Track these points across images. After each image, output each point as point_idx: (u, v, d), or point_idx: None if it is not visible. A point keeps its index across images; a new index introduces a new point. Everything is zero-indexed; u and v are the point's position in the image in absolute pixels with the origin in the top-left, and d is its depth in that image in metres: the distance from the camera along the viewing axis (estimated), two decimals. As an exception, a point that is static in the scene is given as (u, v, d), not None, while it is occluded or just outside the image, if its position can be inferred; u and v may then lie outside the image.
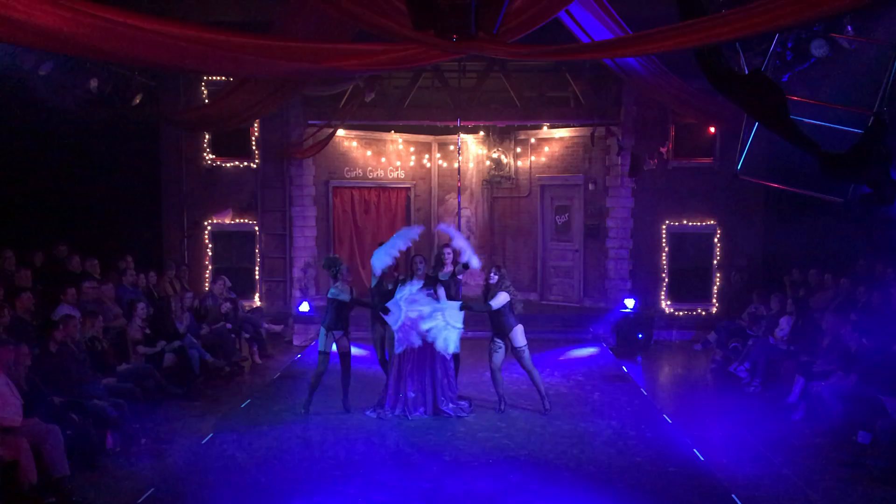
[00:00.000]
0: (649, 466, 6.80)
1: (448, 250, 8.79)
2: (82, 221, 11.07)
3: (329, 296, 8.37)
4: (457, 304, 8.15)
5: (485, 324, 8.67)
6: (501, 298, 8.10)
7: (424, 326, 8.00)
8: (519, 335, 8.23)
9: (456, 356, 8.64)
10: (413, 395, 8.16)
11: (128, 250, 10.66)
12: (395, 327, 8.12)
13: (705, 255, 12.89)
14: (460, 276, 8.74)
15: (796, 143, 6.01)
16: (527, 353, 8.29)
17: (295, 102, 12.30)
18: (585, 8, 8.31)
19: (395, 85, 12.78)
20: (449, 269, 8.61)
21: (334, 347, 8.34)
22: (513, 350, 8.28)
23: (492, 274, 8.30)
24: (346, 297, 8.27)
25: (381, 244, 8.70)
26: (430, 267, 8.74)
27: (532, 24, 7.50)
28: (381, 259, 8.40)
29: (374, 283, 8.74)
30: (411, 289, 8.16)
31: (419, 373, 8.17)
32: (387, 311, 8.14)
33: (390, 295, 8.31)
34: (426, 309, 8.03)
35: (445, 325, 8.03)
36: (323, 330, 8.34)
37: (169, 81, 12.01)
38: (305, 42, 7.78)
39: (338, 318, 8.30)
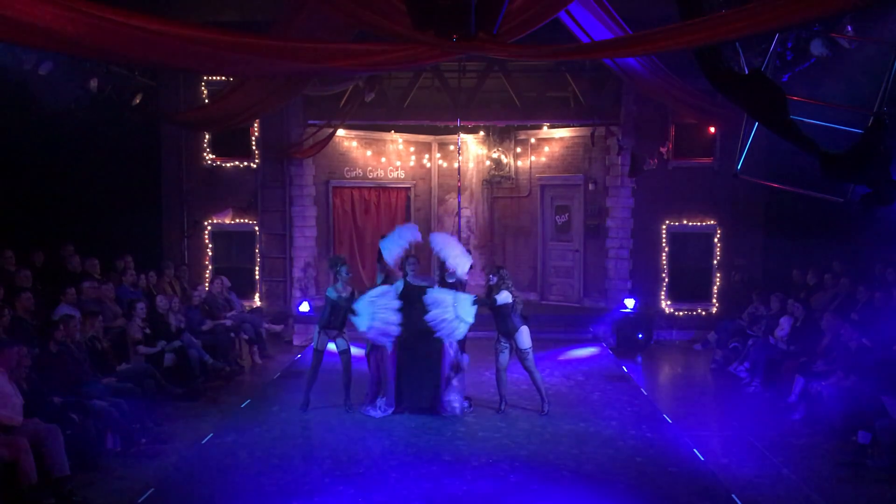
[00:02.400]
0: (649, 466, 6.80)
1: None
2: (82, 221, 11.06)
3: (326, 294, 8.44)
4: (470, 297, 8.09)
5: (488, 324, 8.66)
6: (504, 296, 8.11)
7: (436, 316, 7.89)
8: (525, 337, 8.25)
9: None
10: (414, 393, 8.16)
11: (128, 250, 10.65)
12: (361, 328, 8.02)
13: (705, 255, 12.88)
14: (465, 278, 8.74)
15: (796, 143, 6.01)
16: (531, 356, 8.30)
17: (295, 102, 12.29)
18: (585, 8, 8.32)
19: (395, 85, 12.78)
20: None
21: (332, 347, 8.37)
22: (517, 351, 8.28)
23: (491, 276, 8.33)
24: (333, 295, 8.31)
25: (383, 236, 8.73)
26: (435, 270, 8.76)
27: (532, 24, 7.51)
28: (392, 250, 8.35)
29: (379, 280, 8.74)
30: (385, 289, 8.15)
31: (421, 370, 8.17)
32: (354, 312, 8.09)
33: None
34: (446, 298, 7.95)
35: (455, 318, 7.95)
36: (317, 328, 8.44)
37: (169, 81, 12.02)
38: (305, 42, 7.78)
39: (332, 317, 8.34)
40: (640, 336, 11.93)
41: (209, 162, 12.83)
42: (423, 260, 13.72)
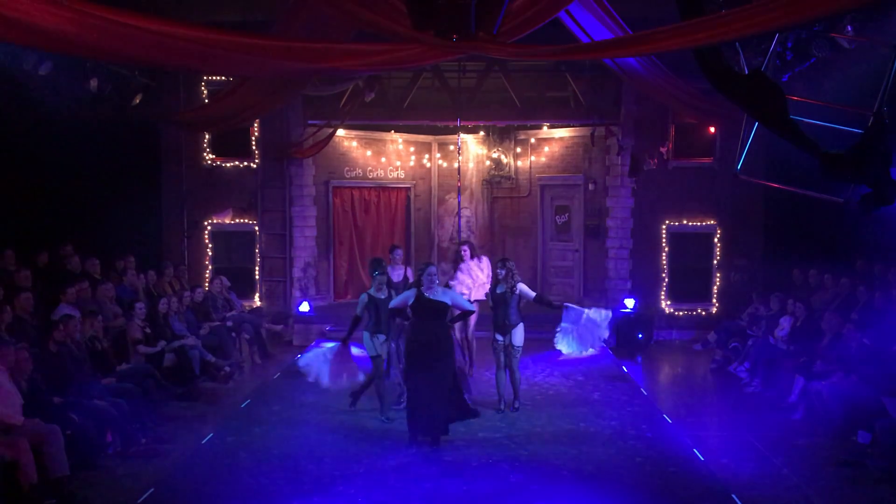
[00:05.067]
0: (649, 466, 6.80)
1: (465, 247, 8.94)
2: (82, 221, 11.06)
3: (368, 295, 7.99)
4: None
5: (485, 322, 8.65)
6: (527, 288, 8.19)
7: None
8: (519, 334, 8.25)
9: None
10: (427, 419, 7.51)
11: (128, 250, 10.66)
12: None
13: (705, 255, 12.88)
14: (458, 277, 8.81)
15: (796, 143, 6.01)
16: (519, 355, 8.26)
17: (295, 102, 12.29)
18: (585, 8, 8.33)
19: (395, 85, 12.77)
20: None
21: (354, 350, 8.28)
22: (508, 346, 8.24)
23: (499, 270, 8.28)
24: (377, 294, 7.94)
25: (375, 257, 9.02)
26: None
27: (532, 25, 7.52)
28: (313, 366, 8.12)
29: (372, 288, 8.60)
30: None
31: (432, 392, 7.28)
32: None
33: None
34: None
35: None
36: (366, 334, 8.00)
37: (169, 81, 12.00)
38: (305, 42, 7.79)
39: (377, 320, 7.96)
40: (640, 336, 11.91)
41: (209, 162, 12.82)
42: (427, 253, 13.78)
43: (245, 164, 12.86)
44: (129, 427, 7.18)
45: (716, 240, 12.83)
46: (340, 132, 13.07)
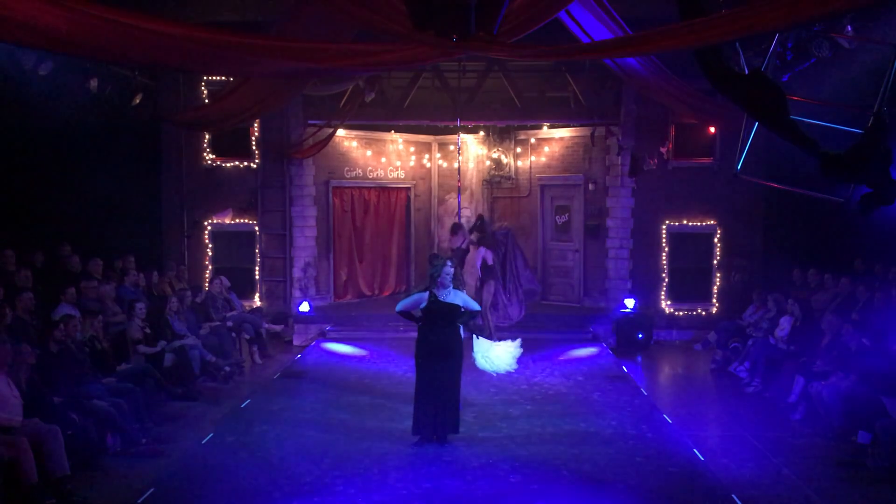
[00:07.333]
0: (649, 466, 6.80)
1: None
2: (82, 221, 11.06)
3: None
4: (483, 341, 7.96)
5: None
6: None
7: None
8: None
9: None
10: (434, 419, 7.46)
11: (128, 250, 10.65)
12: None
13: (705, 255, 12.89)
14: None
15: (796, 143, 6.00)
16: None
17: (295, 102, 12.29)
18: (585, 8, 8.32)
19: (395, 85, 12.78)
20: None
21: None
22: None
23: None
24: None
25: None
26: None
27: (532, 25, 7.51)
28: None
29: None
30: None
31: (438, 393, 7.33)
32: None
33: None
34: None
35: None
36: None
37: (169, 81, 12.01)
38: (305, 42, 7.78)
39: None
40: (640, 336, 11.94)
41: (209, 162, 12.83)
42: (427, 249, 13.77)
43: (245, 164, 12.86)
44: (129, 427, 7.18)
45: (716, 240, 12.83)
46: (340, 132, 13.08)
